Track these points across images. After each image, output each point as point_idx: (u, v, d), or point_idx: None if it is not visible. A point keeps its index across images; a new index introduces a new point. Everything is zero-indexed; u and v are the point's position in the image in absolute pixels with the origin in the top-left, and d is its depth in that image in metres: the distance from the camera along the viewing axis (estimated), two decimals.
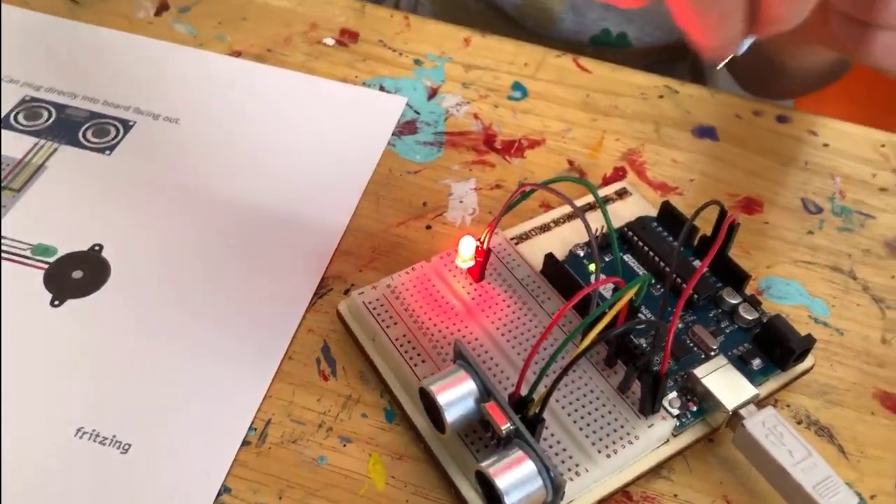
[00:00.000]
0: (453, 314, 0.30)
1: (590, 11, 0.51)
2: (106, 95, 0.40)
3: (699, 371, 0.29)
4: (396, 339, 0.29)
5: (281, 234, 0.35)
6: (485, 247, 0.30)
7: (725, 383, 0.28)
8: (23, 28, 0.42)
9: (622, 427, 0.27)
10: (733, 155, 0.40)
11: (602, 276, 0.28)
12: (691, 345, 0.30)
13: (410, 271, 0.31)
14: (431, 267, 0.31)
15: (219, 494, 0.27)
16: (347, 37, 0.44)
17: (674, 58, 0.55)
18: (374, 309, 0.30)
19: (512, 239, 0.33)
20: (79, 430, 0.28)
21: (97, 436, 0.28)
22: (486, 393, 0.26)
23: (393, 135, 0.39)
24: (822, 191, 0.39)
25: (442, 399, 0.25)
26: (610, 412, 0.27)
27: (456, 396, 0.26)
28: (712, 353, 0.29)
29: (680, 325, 0.30)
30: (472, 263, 0.31)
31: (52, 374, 0.29)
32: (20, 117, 0.38)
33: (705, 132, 0.41)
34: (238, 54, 0.42)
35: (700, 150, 0.40)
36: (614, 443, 0.27)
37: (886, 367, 0.33)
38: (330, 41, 0.43)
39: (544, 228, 0.34)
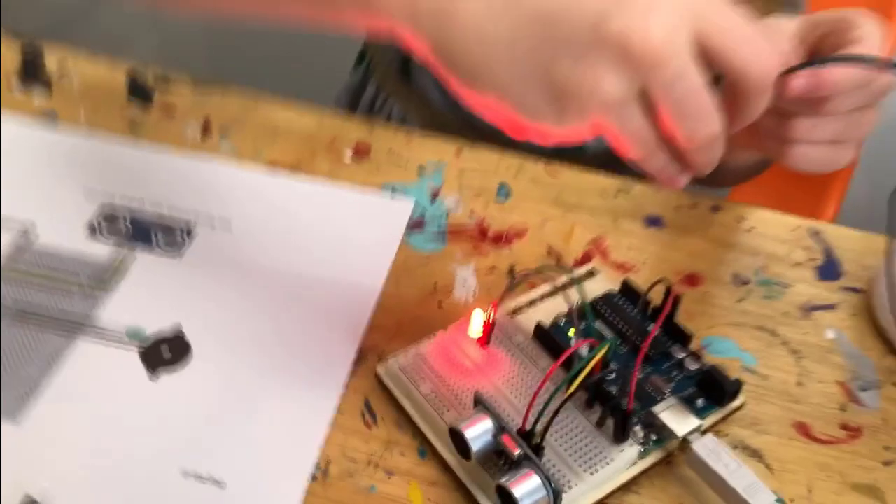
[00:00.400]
0: (468, 372, 0.39)
1: None
2: (170, 202, 0.49)
3: (656, 409, 0.38)
4: (426, 394, 0.38)
5: (323, 314, 0.43)
6: (490, 320, 0.39)
7: (677, 417, 0.38)
8: (95, 148, 0.51)
9: (600, 452, 0.36)
10: (677, 239, 0.50)
11: (580, 339, 0.37)
12: (649, 389, 0.39)
13: (432, 338, 0.40)
14: (448, 335, 0.40)
15: None
16: (362, 150, 0.53)
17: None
18: (407, 371, 0.39)
19: (507, 313, 0.43)
20: (183, 471, 0.36)
21: (198, 475, 0.36)
22: (500, 429, 0.35)
23: (406, 229, 0.49)
24: (748, 267, 0.49)
25: (468, 434, 0.34)
26: (591, 441, 0.36)
27: (479, 432, 0.34)
28: (666, 395, 0.39)
29: (640, 375, 0.40)
30: (480, 333, 0.40)
31: (158, 429, 0.38)
32: (103, 228, 0.47)
33: (654, 221, 0.51)
34: (274, 166, 0.52)
35: (650, 236, 0.50)
36: (595, 464, 0.36)
37: (801, 403, 0.42)
38: (348, 153, 0.53)
39: (532, 303, 0.44)
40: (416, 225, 0.49)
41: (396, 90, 0.68)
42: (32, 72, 0.56)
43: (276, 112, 0.55)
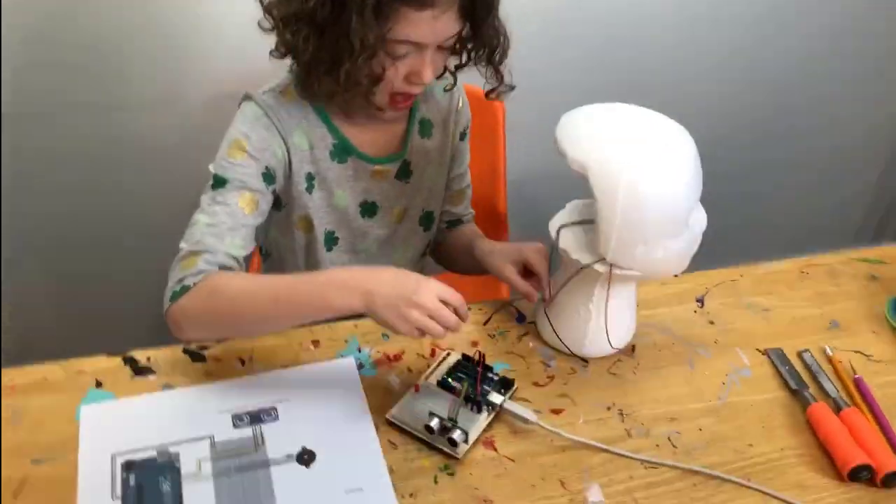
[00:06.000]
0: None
1: None
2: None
3: (491, 397, 1.02)
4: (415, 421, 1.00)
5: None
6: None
7: (496, 399, 1.02)
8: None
9: (473, 416, 1.00)
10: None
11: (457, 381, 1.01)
12: (483, 393, 1.03)
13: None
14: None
15: None
16: (316, 345, 1.13)
17: None
18: (399, 412, 1.00)
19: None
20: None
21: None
22: (440, 420, 0.97)
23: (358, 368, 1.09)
24: None
25: (433, 425, 0.96)
26: (470, 411, 1.01)
27: (434, 425, 0.97)
28: (489, 392, 1.03)
29: (481, 388, 1.04)
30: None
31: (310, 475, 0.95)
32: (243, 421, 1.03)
33: None
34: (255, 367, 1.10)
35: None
36: (475, 422, 1.00)
37: (549, 392, 1.09)
38: (311, 346, 1.13)
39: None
40: (359, 367, 1.10)
41: None
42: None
43: None
